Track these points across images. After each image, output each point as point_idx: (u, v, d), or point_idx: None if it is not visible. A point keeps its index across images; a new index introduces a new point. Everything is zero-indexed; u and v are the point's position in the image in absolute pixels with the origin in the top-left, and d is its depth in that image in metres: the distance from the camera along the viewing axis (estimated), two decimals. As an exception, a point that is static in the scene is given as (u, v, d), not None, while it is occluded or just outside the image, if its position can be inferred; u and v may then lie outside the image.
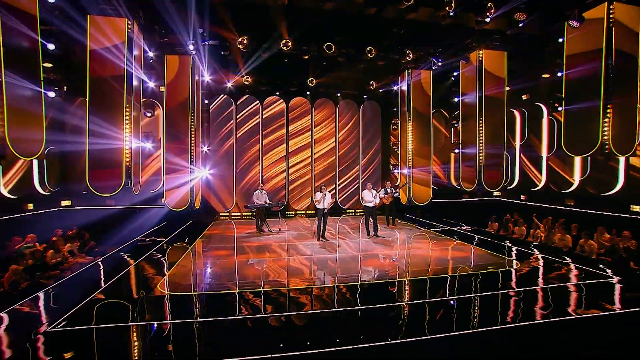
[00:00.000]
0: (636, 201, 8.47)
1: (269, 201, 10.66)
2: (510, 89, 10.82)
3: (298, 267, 7.01)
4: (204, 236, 9.92)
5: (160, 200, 11.15)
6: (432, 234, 10.13)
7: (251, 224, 11.58)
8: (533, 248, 8.13)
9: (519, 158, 12.02)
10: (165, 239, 9.12)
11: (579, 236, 8.24)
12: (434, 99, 11.86)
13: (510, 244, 8.65)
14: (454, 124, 12.55)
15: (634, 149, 7.51)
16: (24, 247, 6.95)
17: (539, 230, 9.47)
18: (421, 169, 11.91)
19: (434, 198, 12.12)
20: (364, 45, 9.71)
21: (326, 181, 13.85)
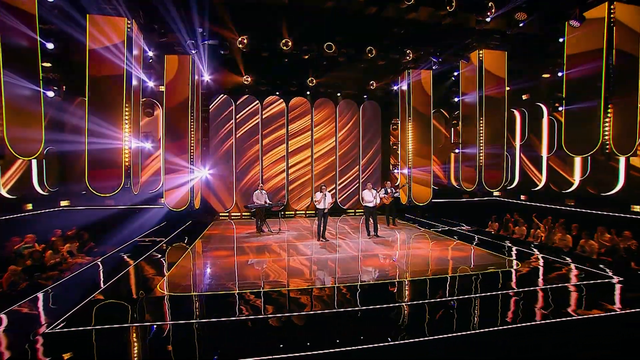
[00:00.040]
0: (637, 201, 8.47)
1: (269, 201, 10.64)
2: (511, 88, 10.81)
3: (298, 267, 7.00)
4: (203, 236, 9.90)
5: (160, 201, 11.13)
6: (432, 234, 10.11)
7: (251, 224, 11.56)
8: (533, 248, 8.12)
9: (519, 158, 12.01)
10: (165, 239, 9.10)
11: (579, 236, 8.24)
12: (434, 99, 11.85)
13: (510, 244, 8.64)
14: (454, 124, 12.54)
15: (634, 148, 7.50)
16: (23, 248, 6.92)
17: (539, 230, 9.47)
18: (421, 169, 11.90)
19: (434, 198, 12.11)
20: (364, 45, 9.69)
21: (326, 181, 13.83)
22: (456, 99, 11.81)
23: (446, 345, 3.79)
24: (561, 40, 8.34)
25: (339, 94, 14.10)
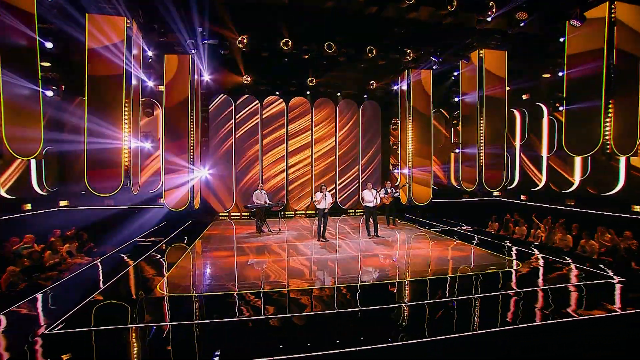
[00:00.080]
0: (637, 201, 8.46)
1: (269, 201, 10.62)
2: (511, 88, 10.79)
3: (298, 267, 6.98)
4: (203, 237, 9.87)
5: (159, 201, 11.10)
6: (433, 234, 10.10)
7: (251, 224, 11.53)
8: (534, 248, 8.11)
9: (519, 158, 12.00)
10: (165, 240, 9.07)
11: (579, 236, 8.23)
12: (434, 98, 11.84)
13: (510, 244, 8.63)
14: (454, 124, 12.53)
15: (635, 148, 7.49)
16: (22, 248, 6.89)
17: (539, 230, 9.45)
18: (421, 169, 11.88)
19: (434, 198, 12.10)
20: (364, 44, 9.67)
21: (326, 181, 13.81)
22: (456, 99, 11.79)
23: (447, 346, 3.77)
24: (562, 40, 8.33)
25: (339, 94, 14.08)
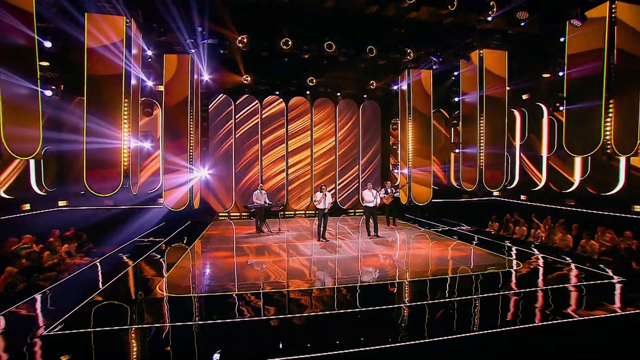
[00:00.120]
0: (637, 201, 8.45)
1: (269, 201, 10.59)
2: (511, 88, 10.78)
3: (298, 268, 6.95)
4: (203, 237, 9.84)
5: (159, 201, 11.06)
6: (433, 234, 10.08)
7: (250, 224, 11.50)
8: (534, 248, 8.10)
9: (519, 158, 12.00)
10: (164, 240, 9.04)
11: (579, 236, 8.22)
12: (434, 98, 11.82)
13: (510, 244, 8.62)
14: (454, 124, 12.51)
15: (635, 148, 7.47)
16: (21, 248, 6.85)
17: (539, 230, 9.45)
18: (421, 169, 11.87)
19: (434, 198, 12.09)
20: (364, 44, 9.65)
21: (326, 181, 13.79)
22: (456, 99, 11.78)
23: (447, 347, 3.75)
24: (562, 39, 8.32)
25: (338, 94, 14.05)
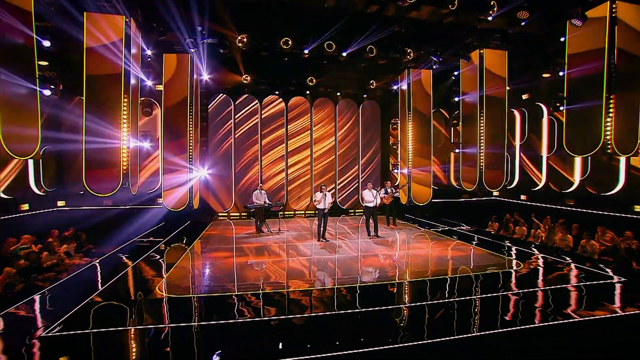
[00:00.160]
0: (638, 201, 8.44)
1: (268, 201, 10.57)
2: (511, 88, 10.78)
3: (298, 268, 6.93)
4: (202, 237, 9.81)
5: (158, 201, 11.02)
6: (433, 234, 10.07)
7: (250, 224, 11.48)
8: (534, 248, 8.09)
9: (519, 158, 11.99)
10: (164, 240, 9.01)
11: (579, 236, 8.21)
12: (434, 98, 11.80)
13: (511, 244, 8.61)
14: (454, 124, 12.50)
15: (636, 148, 7.47)
16: (19, 249, 6.81)
17: (539, 230, 9.44)
18: (421, 168, 11.85)
19: (434, 198, 12.07)
20: (364, 44, 9.62)
21: (325, 181, 13.77)
22: (456, 99, 11.77)
23: (448, 348, 3.73)
24: (562, 39, 8.31)
25: (338, 94, 14.03)
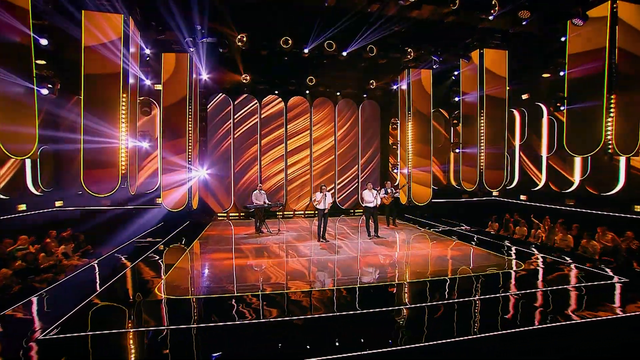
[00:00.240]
0: (638, 201, 8.44)
1: (268, 201, 10.52)
2: (511, 88, 10.77)
3: (298, 269, 6.89)
4: (202, 237, 9.76)
5: (157, 201, 10.96)
6: (433, 234, 10.04)
7: (249, 224, 11.42)
8: (534, 249, 8.07)
9: (519, 158, 11.98)
10: (163, 240, 8.94)
11: (580, 236, 8.20)
12: (433, 98, 11.78)
13: (511, 244, 8.59)
14: (454, 124, 12.49)
15: (637, 148, 7.46)
16: (16, 250, 6.75)
17: (539, 230, 9.43)
18: (421, 169, 11.83)
19: (433, 198, 12.05)
20: (364, 43, 9.59)
21: (325, 181, 13.74)
22: (456, 99, 11.75)
23: (448, 349, 3.70)
24: (563, 39, 8.30)
25: (338, 94, 14.00)
